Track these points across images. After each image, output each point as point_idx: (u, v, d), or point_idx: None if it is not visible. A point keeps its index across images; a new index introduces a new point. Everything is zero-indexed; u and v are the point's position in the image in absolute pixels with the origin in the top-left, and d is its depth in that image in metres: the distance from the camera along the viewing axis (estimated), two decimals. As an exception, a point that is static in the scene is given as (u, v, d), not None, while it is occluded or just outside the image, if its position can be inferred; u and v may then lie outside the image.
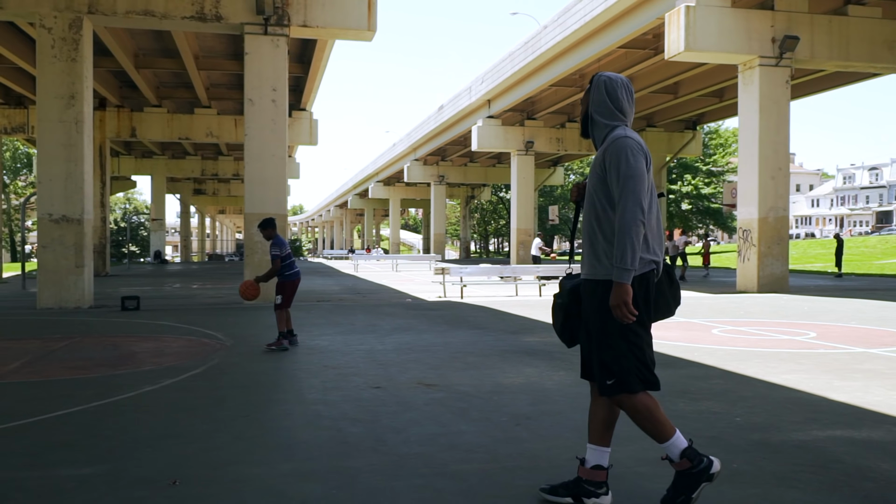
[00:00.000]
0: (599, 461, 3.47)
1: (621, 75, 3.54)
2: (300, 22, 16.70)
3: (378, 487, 3.73)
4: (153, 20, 16.17)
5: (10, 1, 15.31)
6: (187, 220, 58.87)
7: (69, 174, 15.44)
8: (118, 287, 21.83)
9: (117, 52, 23.20)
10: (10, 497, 3.60)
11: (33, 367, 7.41)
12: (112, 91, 29.31)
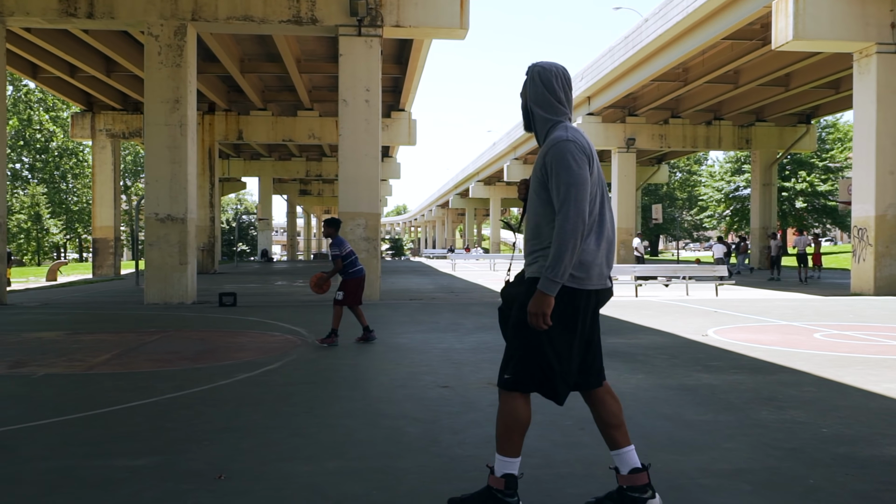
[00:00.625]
0: (632, 464, 3.27)
1: (557, 64, 3.31)
2: (393, 22, 16.81)
3: (420, 489, 3.61)
4: (252, 25, 16.63)
5: (121, 11, 16.08)
6: (294, 220, 60.65)
7: (174, 175, 16.07)
8: (223, 284, 22.62)
9: (224, 58, 24.07)
10: (61, 486, 3.68)
11: (122, 359, 7.69)
12: (220, 95, 30.45)
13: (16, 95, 45.87)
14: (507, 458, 3.18)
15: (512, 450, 3.18)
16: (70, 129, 32.72)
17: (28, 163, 48.18)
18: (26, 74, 26.78)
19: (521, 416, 3.18)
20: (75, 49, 23.23)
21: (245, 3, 16.36)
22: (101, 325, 11.11)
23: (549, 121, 3.25)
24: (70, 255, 61.98)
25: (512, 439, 3.18)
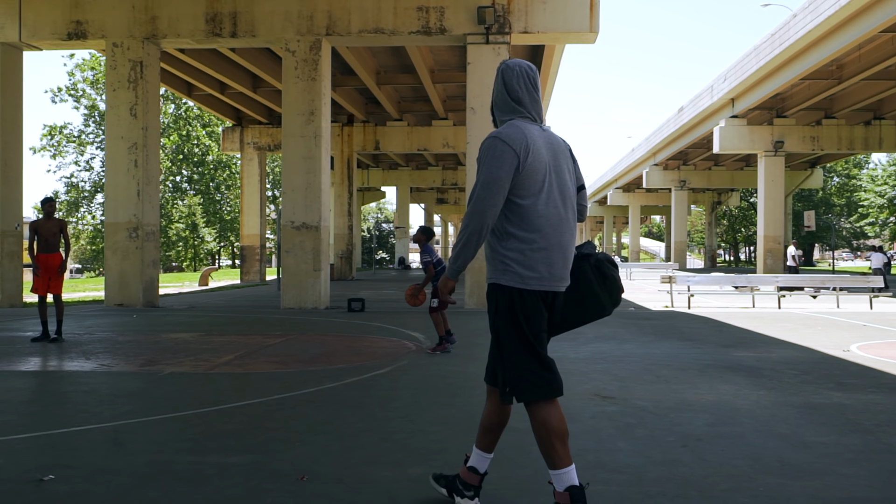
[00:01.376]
0: (476, 465, 3.36)
1: (524, 62, 3.23)
2: (521, 28, 16.72)
3: (494, 501, 3.48)
4: (383, 37, 17.01)
5: (261, 29, 16.90)
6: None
7: (308, 185, 16.67)
8: (358, 290, 23.25)
9: (360, 71, 24.81)
10: (153, 479, 3.83)
11: (243, 360, 8.01)
12: (358, 107, 31.41)
13: (177, 113, 49.33)
14: (559, 470, 3.07)
15: (562, 461, 3.07)
16: (221, 142, 34.74)
17: (187, 175, 51.65)
18: (182, 93, 28.69)
19: (555, 423, 3.09)
20: (224, 67, 24.65)
21: (376, 17, 16.77)
22: (233, 328, 11.66)
23: (503, 122, 3.21)
24: (223, 262, 65.83)
25: (556, 450, 3.07)
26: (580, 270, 3.21)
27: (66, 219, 47.48)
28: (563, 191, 3.12)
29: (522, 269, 3.05)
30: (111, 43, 16.74)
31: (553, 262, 3.07)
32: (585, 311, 3.22)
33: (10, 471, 3.98)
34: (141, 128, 16.74)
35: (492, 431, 3.34)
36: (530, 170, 3.03)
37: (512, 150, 3.00)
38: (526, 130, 3.07)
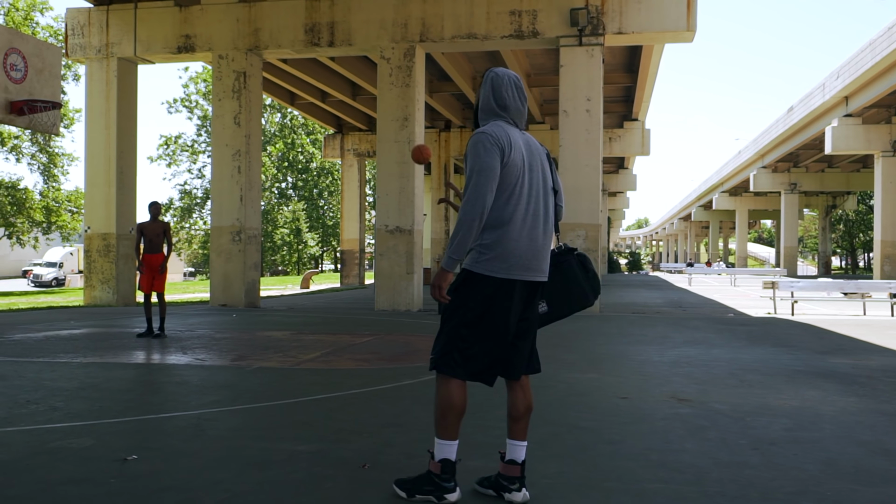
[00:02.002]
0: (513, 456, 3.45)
1: (511, 72, 3.45)
2: (615, 29, 16.51)
3: (545, 497, 3.49)
4: (476, 42, 17.14)
5: (357, 38, 17.35)
6: (529, 234, 61.29)
7: (402, 189, 16.97)
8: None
9: (456, 77, 25.04)
10: (227, 462, 4.04)
11: (328, 357, 8.26)
12: (455, 113, 31.68)
13: (282, 121, 51.11)
14: (443, 441, 3.34)
15: (448, 433, 3.33)
16: (323, 149, 35.75)
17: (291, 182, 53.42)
18: (286, 102, 29.72)
19: (454, 399, 3.32)
20: (325, 76, 25.40)
21: (469, 22, 16.92)
22: (325, 327, 12.01)
23: (485, 124, 3.39)
24: (326, 266, 67.65)
25: (447, 422, 3.32)
26: (566, 263, 3.49)
27: (180, 224, 49.87)
28: (536, 189, 3.31)
29: (493, 258, 3.23)
30: (217, 55, 17.57)
31: (522, 254, 3.25)
32: (571, 300, 3.49)
33: (98, 450, 4.28)
34: (244, 135, 17.47)
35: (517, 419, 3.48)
36: (510, 165, 3.21)
37: (496, 143, 3.20)
38: (507, 130, 3.29)
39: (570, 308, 3.52)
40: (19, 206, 30.88)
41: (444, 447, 3.35)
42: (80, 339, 9.90)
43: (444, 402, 3.34)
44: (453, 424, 3.34)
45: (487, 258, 3.23)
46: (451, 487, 3.37)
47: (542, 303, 3.48)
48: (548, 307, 3.47)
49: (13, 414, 5.26)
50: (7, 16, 30.01)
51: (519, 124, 3.39)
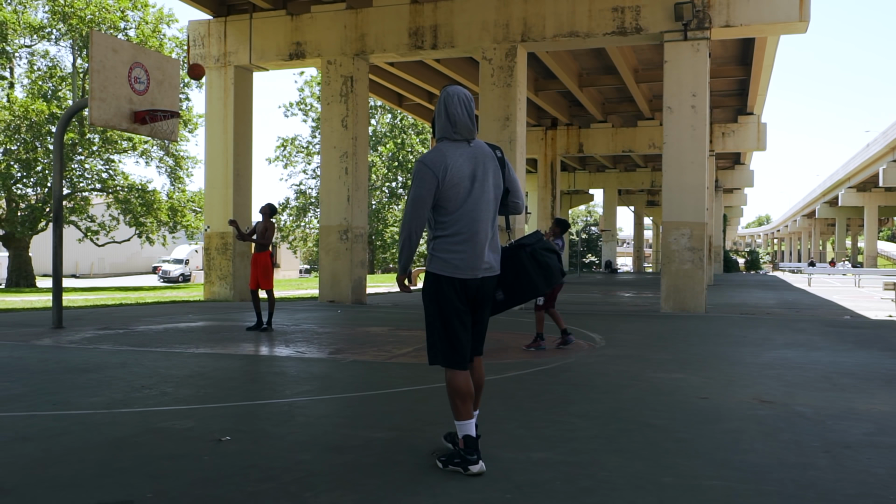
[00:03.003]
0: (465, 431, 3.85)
1: (462, 89, 3.88)
2: (722, 23, 16.11)
3: (597, 488, 3.62)
4: (577, 40, 17.12)
5: (459, 39, 17.65)
6: (641, 232, 60.23)
7: (503, 188, 17.14)
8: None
9: (561, 75, 25.01)
10: (308, 445, 4.38)
11: (420, 352, 8.56)
12: (562, 111, 31.58)
13: (392, 122, 52.21)
14: (459, 421, 3.86)
15: (460, 414, 3.85)
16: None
17: (402, 181, 54.40)
18: (394, 104, 30.45)
19: (460, 386, 3.84)
20: (431, 77, 25.87)
21: (570, 20, 16.91)
22: (422, 324, 12.32)
23: (437, 140, 3.91)
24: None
25: (456, 406, 3.85)
26: (516, 257, 4.02)
27: (296, 223, 51.79)
28: (478, 196, 3.80)
29: (445, 261, 3.82)
30: (326, 60, 18.28)
31: (468, 256, 3.80)
32: (523, 289, 4.02)
33: (197, 431, 4.71)
34: (351, 137, 18.10)
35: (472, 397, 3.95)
36: (450, 184, 3.76)
37: (431, 171, 3.75)
38: (447, 152, 3.81)
39: (523, 296, 4.06)
40: (148, 207, 33.06)
41: (462, 426, 3.85)
42: (195, 332, 10.64)
43: (449, 389, 3.88)
44: (462, 407, 3.84)
45: (438, 260, 3.84)
46: (475, 460, 3.81)
47: (498, 291, 4.01)
48: (504, 296, 4.02)
49: (129, 397, 5.81)
50: (138, 29, 32.17)
51: (467, 137, 3.87)
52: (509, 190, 3.97)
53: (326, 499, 3.46)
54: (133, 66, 10.29)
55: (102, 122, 9.92)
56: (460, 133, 3.85)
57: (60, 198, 11.13)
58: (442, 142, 3.86)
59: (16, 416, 5.15)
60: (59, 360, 7.72)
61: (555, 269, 4.08)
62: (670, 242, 16.18)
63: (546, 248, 4.07)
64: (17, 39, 31.97)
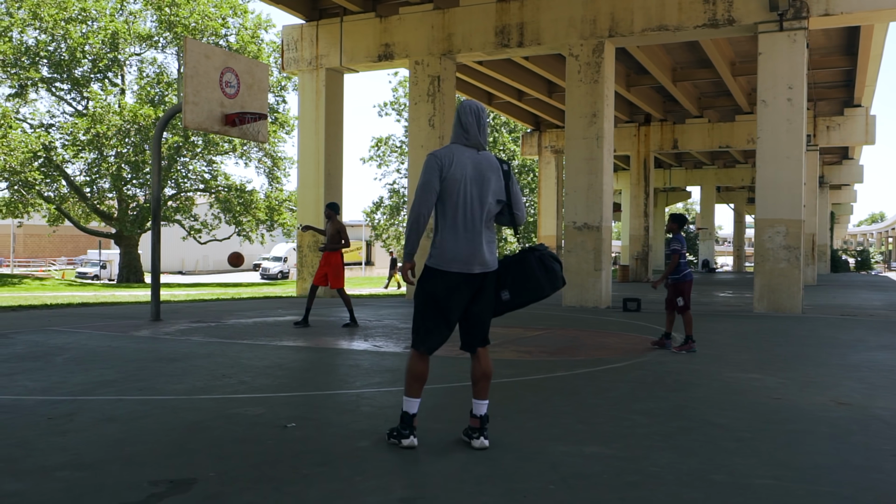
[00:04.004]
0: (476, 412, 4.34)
1: (475, 102, 4.26)
2: (821, 11, 15.47)
3: (645, 482, 3.61)
4: (667, 34, 16.77)
5: (545, 37, 17.59)
6: (741, 230, 58.18)
7: (590, 185, 16.99)
8: (648, 292, 23.01)
9: (653, 70, 24.51)
10: (367, 433, 4.54)
11: (494, 348, 8.59)
12: (655, 106, 30.91)
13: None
14: (406, 397, 4.26)
15: (408, 391, 4.27)
16: (521, 147, 36.28)
17: (494, 180, 54.59)
18: (483, 102, 30.56)
19: (417, 368, 4.28)
20: (520, 75, 25.85)
21: (660, 14, 16.58)
22: (502, 321, 12.27)
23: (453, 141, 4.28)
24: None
25: (409, 384, 4.28)
26: (525, 260, 4.24)
27: (388, 222, 52.66)
28: (475, 199, 4.11)
29: (439, 255, 4.13)
30: (413, 61, 18.56)
31: (461, 251, 4.09)
32: (528, 291, 4.24)
33: (267, 417, 4.94)
34: (438, 137, 18.31)
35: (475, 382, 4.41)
36: (450, 179, 4.08)
37: (438, 161, 4.11)
38: (455, 151, 4.16)
39: (528, 297, 4.28)
40: (246, 206, 34.41)
41: (406, 402, 4.26)
42: (281, 326, 11.04)
43: (408, 367, 4.31)
44: (412, 386, 4.27)
45: (434, 254, 4.16)
46: (406, 434, 4.20)
47: (504, 291, 4.25)
48: (510, 295, 4.26)
49: (209, 385, 6.13)
50: (238, 35, 33.49)
51: (475, 145, 4.22)
52: (511, 203, 4.27)
53: (374, 483, 3.59)
54: (224, 71, 10.78)
55: (195, 124, 10.44)
56: (470, 140, 4.21)
57: (159, 197, 11.74)
58: (456, 145, 4.22)
59: (105, 399, 5.52)
60: (151, 350, 8.20)
61: (559, 276, 4.33)
62: (764, 241, 15.66)
63: (552, 256, 4.33)
64: (127, 48, 33.82)
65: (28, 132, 31.69)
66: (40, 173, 31.37)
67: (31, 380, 6.26)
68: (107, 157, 32.61)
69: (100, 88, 33.99)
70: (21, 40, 32.20)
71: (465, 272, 4.12)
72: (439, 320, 4.21)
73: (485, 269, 4.17)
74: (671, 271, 8.49)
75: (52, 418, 4.87)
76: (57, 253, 70.63)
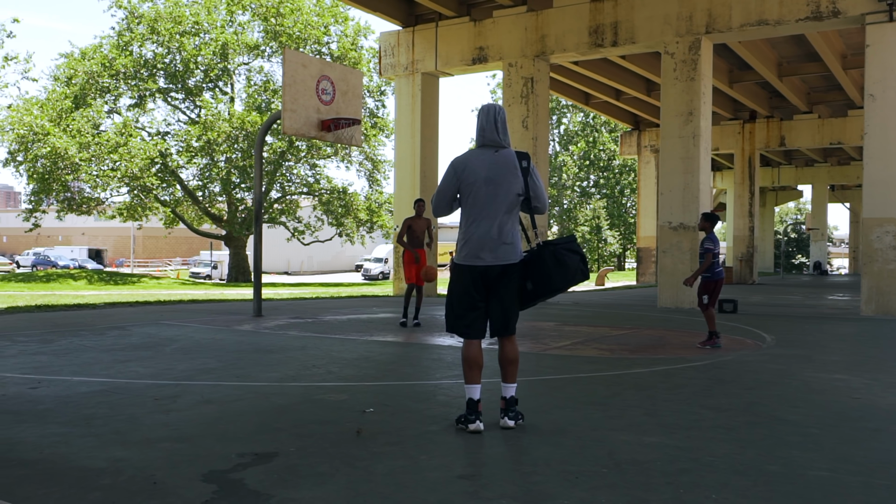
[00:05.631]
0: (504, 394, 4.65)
1: (492, 104, 4.59)
2: (934, -1, 14.74)
3: (698, 470, 3.71)
4: (767, 28, 16.36)
5: (640, 35, 17.45)
6: (857, 230, 55.39)
7: (686, 185, 16.76)
8: (750, 295, 22.41)
9: (757, 65, 23.84)
10: (434, 420, 4.80)
11: (576, 346, 8.75)
12: (760, 102, 29.96)
13: (584, 120, 51.97)
14: (466, 385, 4.54)
15: (466, 379, 4.54)
16: (620, 146, 35.85)
17: (594, 180, 54.06)
18: (580, 102, 30.43)
19: (466, 354, 4.56)
20: (617, 74, 25.64)
21: (759, 8, 16.18)
22: (590, 320, 12.45)
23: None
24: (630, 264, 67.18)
25: (464, 371, 4.56)
26: (540, 255, 4.54)
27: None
28: (492, 197, 4.42)
29: (459, 250, 4.56)
30: (507, 63, 18.77)
31: (483, 249, 4.45)
32: (542, 283, 4.52)
33: (348, 404, 5.29)
34: (531, 138, 18.46)
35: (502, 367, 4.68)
36: (465, 183, 4.49)
37: (454, 169, 4.55)
38: (470, 157, 4.54)
39: (544, 288, 4.54)
40: (347, 208, 35.49)
41: (468, 389, 4.54)
42: (374, 322, 11.48)
43: (462, 358, 4.59)
44: (468, 373, 4.53)
45: (459, 249, 4.57)
46: (472, 419, 4.47)
47: (528, 282, 4.54)
48: (533, 286, 4.54)
49: (300, 374, 6.55)
50: (339, 42, 34.59)
51: (494, 145, 4.53)
52: (529, 195, 4.54)
53: (438, 462, 3.85)
54: (320, 79, 11.31)
55: (293, 130, 11.02)
56: (487, 140, 4.53)
57: (261, 200, 12.40)
58: (472, 150, 4.60)
59: (205, 384, 6.01)
60: (250, 343, 8.75)
61: (573, 269, 4.56)
62: (872, 241, 15.04)
63: (569, 249, 4.57)
64: (236, 58, 35.49)
65: (146, 140, 33.74)
66: (157, 178, 33.35)
67: (143, 366, 6.85)
68: (217, 162, 34.33)
69: (211, 97, 35.81)
70: (140, 54, 34.34)
71: (480, 265, 4.46)
72: (465, 307, 4.52)
73: (501, 262, 4.46)
74: (703, 269, 8.50)
75: (158, 399, 5.37)
76: (172, 254, 74.68)
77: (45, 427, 4.52)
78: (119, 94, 34.66)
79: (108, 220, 36.82)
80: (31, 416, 4.84)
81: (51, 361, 7.07)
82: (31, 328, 9.99)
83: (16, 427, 4.52)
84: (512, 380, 4.61)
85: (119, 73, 33.36)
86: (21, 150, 31.53)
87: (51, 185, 32.00)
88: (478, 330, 4.56)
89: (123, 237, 71.41)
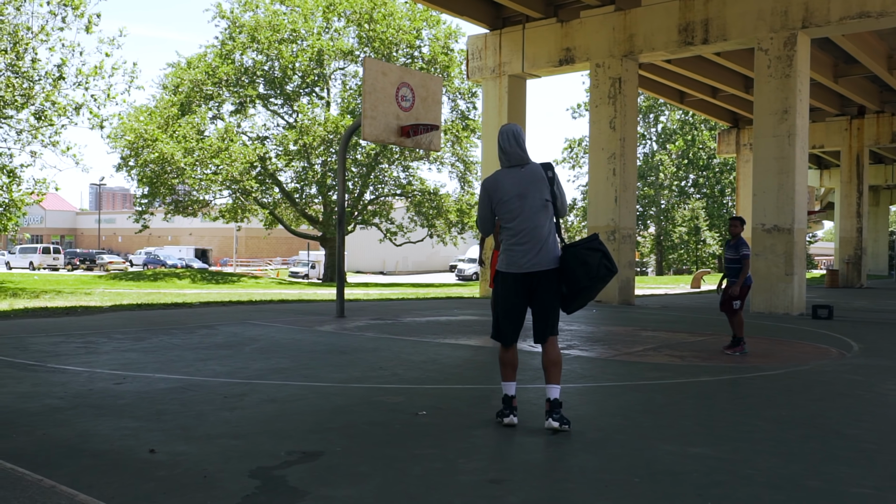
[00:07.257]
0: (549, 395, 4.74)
1: (510, 125, 4.93)
2: None
3: (733, 482, 3.66)
4: (869, 21, 15.62)
5: (732, 31, 16.98)
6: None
7: (780, 186, 16.18)
8: (854, 299, 21.41)
9: (864, 59, 22.77)
10: (488, 422, 4.87)
11: (647, 351, 8.64)
12: (870, 97, 28.52)
13: (683, 118, 50.65)
14: (503, 382, 4.91)
15: (503, 376, 4.92)
16: (718, 145, 34.82)
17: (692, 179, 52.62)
18: (675, 101, 29.74)
19: (503, 357, 4.93)
20: (713, 71, 24.93)
21: (860, 0, 15.47)
22: (671, 325, 12.22)
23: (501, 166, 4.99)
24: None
25: (501, 370, 4.94)
26: (563, 259, 4.78)
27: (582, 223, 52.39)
28: (527, 210, 4.74)
29: (506, 261, 4.83)
30: (594, 64, 18.60)
31: (522, 256, 4.75)
32: (568, 283, 4.75)
33: (403, 406, 5.45)
34: (619, 139, 18.22)
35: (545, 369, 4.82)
36: (500, 202, 4.83)
37: (485, 191, 4.94)
38: (498, 177, 4.89)
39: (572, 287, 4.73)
40: (438, 209, 35.88)
41: (504, 386, 4.89)
42: (451, 325, 11.64)
43: (499, 358, 4.97)
44: (503, 372, 4.90)
45: (501, 259, 4.87)
46: (507, 413, 4.82)
47: (563, 286, 4.77)
48: (566, 289, 4.77)
49: (365, 375, 6.77)
50: (430, 46, 34.99)
51: (518, 163, 4.84)
52: (554, 200, 4.86)
53: (474, 466, 3.95)
54: (400, 86, 11.56)
55: (373, 137, 11.31)
56: (511, 161, 4.86)
57: (343, 203, 12.76)
58: (500, 170, 4.91)
59: (272, 383, 6.30)
60: (327, 343, 9.06)
61: (595, 266, 4.71)
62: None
63: (590, 247, 4.76)
64: (331, 64, 36.45)
65: (247, 144, 35.11)
66: (257, 181, 34.65)
67: (221, 365, 7.23)
68: (313, 165, 35.38)
69: (307, 102, 36.91)
70: (241, 61, 35.75)
71: (519, 272, 4.76)
72: (505, 315, 4.84)
73: (539, 269, 4.72)
74: (746, 274, 8.33)
75: (227, 397, 5.67)
76: (273, 254, 77.27)
77: (120, 421, 4.88)
78: (222, 100, 36.19)
79: (213, 221, 38.48)
80: (111, 409, 5.22)
81: (138, 358, 7.56)
82: (129, 326, 10.65)
83: (95, 420, 4.90)
84: (556, 381, 4.76)
85: (221, 80, 34.84)
86: (132, 156, 33.44)
87: (159, 188, 33.79)
88: (515, 337, 4.89)
89: (227, 237, 74.44)
